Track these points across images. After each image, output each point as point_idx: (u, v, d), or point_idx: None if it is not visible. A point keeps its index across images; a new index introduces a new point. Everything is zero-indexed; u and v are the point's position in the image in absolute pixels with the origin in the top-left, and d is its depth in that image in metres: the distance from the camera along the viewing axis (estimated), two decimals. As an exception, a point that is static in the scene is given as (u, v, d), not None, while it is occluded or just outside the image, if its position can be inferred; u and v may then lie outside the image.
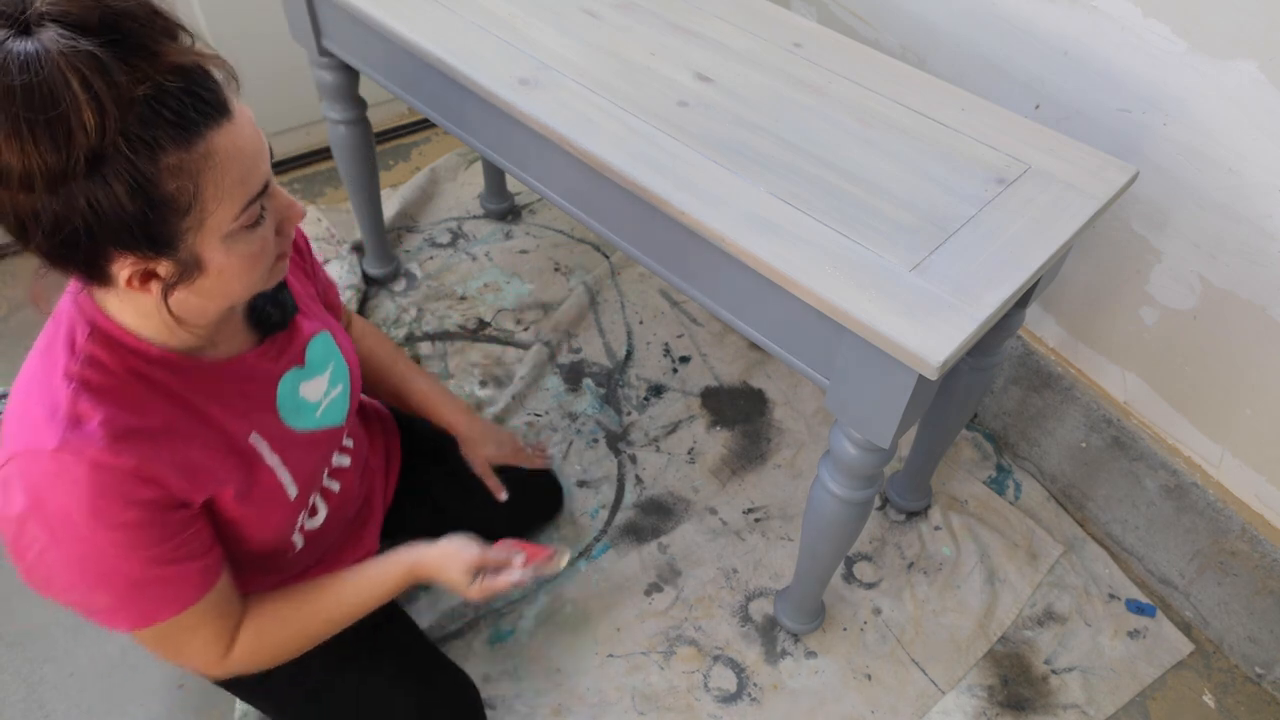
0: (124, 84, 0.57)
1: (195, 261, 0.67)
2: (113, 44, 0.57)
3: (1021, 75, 1.31)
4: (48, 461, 0.69)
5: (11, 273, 1.88)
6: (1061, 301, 1.44)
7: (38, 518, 0.71)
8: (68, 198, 0.59)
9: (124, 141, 0.58)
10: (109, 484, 0.70)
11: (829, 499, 1.07)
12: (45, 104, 0.55)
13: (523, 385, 1.68)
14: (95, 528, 0.71)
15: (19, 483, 0.70)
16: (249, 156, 0.66)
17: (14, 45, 0.55)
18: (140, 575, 0.75)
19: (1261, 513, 1.28)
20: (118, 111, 0.57)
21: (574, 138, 1.01)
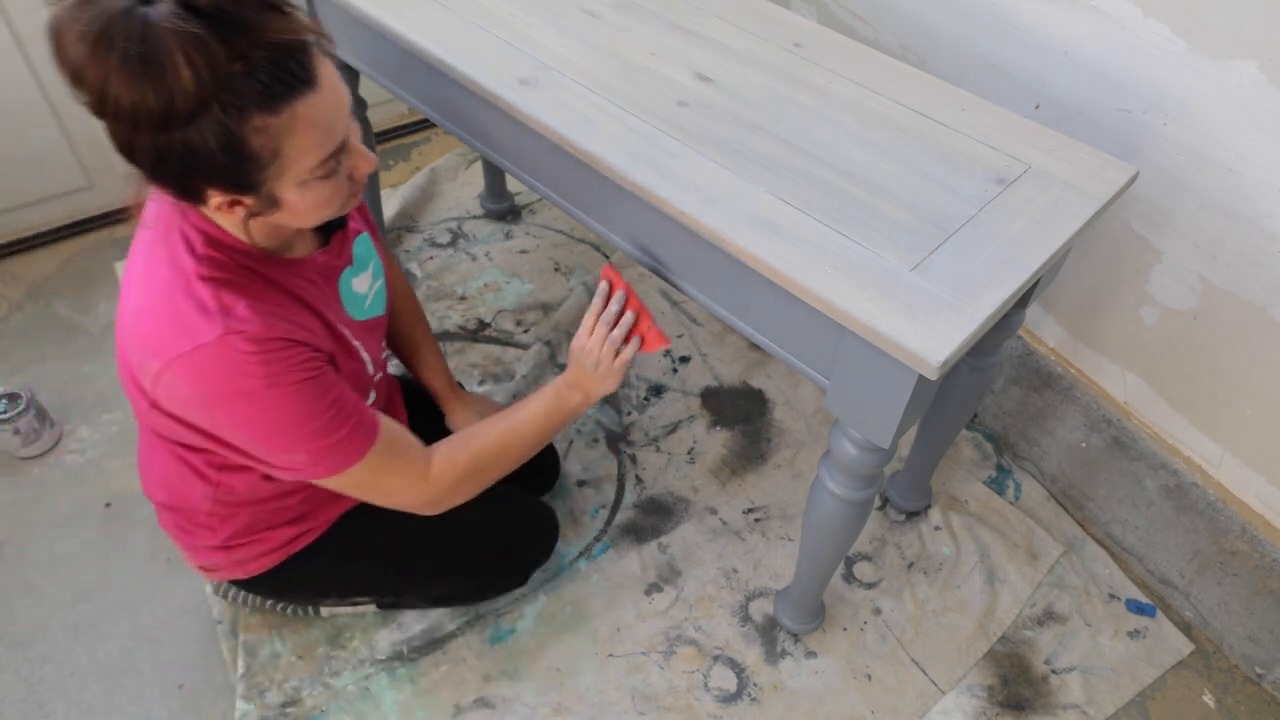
0: (221, 60, 0.66)
1: (274, 200, 0.78)
2: (217, 22, 0.65)
3: (1021, 75, 1.31)
4: (216, 350, 0.80)
5: (12, 273, 1.88)
6: (1061, 301, 1.44)
7: (220, 403, 0.83)
8: (168, 139, 0.69)
9: (217, 105, 0.67)
10: (273, 353, 0.82)
11: (829, 499, 1.07)
12: (154, 69, 0.64)
13: (523, 385, 1.68)
14: (273, 394, 0.83)
15: (192, 377, 0.81)
16: (327, 121, 0.75)
17: (137, 10, 0.64)
18: (321, 425, 0.87)
19: (1261, 513, 1.28)
20: (213, 83, 0.66)
21: (574, 138, 1.01)
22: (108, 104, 0.67)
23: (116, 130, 0.70)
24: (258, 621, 1.34)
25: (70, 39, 0.65)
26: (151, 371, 0.83)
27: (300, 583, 1.22)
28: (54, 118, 1.78)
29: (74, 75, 0.67)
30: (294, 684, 1.28)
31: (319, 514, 1.14)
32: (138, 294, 0.84)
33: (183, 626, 1.35)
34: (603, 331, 1.03)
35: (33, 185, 1.86)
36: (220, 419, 0.85)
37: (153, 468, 1.06)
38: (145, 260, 0.85)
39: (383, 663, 1.31)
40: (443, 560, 1.25)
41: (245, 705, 1.26)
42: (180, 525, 1.10)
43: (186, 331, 0.80)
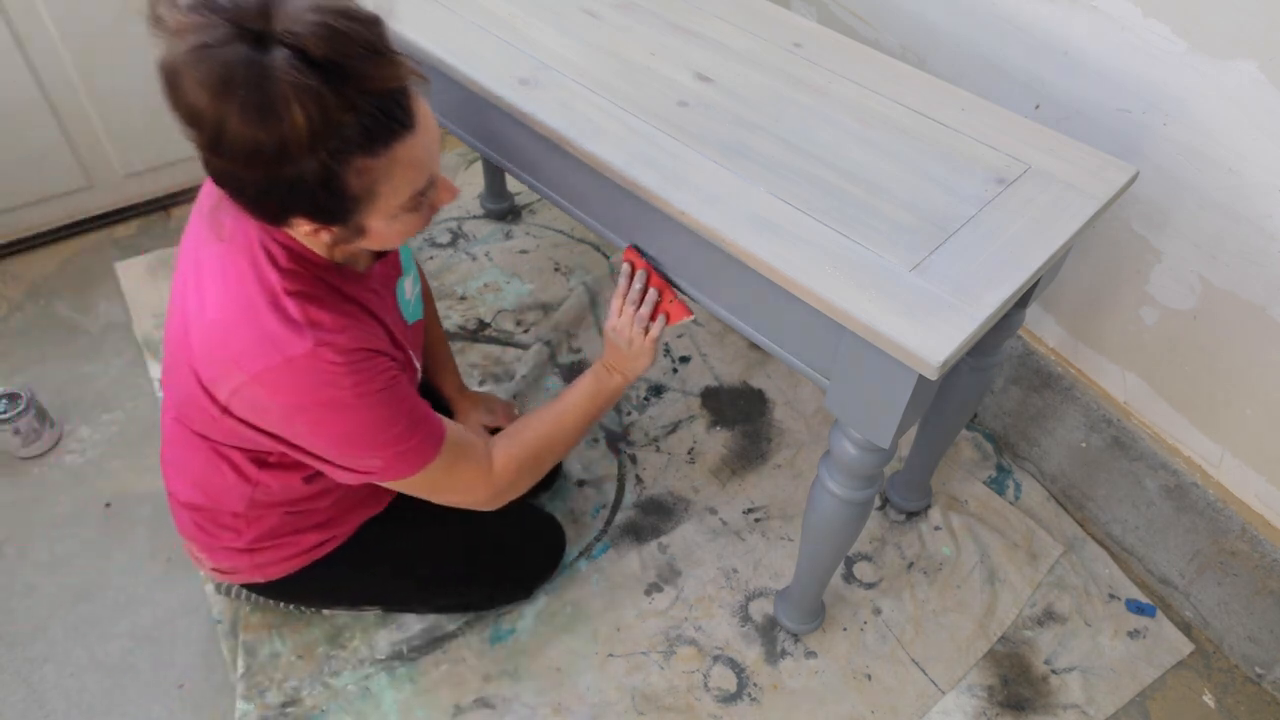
0: (332, 108, 0.69)
1: (361, 230, 0.82)
2: (329, 72, 0.68)
3: (1021, 75, 1.31)
4: (306, 362, 0.83)
5: (12, 273, 1.88)
6: (1061, 301, 1.44)
7: (305, 412, 0.86)
8: (274, 176, 0.72)
9: (324, 150, 0.71)
10: (358, 363, 0.86)
11: (829, 499, 1.07)
12: (271, 115, 0.68)
13: (523, 385, 1.68)
14: (359, 403, 0.87)
15: (280, 388, 0.84)
16: (422, 161, 0.79)
17: (254, 57, 0.67)
18: (400, 430, 0.91)
19: (1261, 513, 1.28)
20: (323, 129, 0.70)
21: (574, 138, 1.01)
22: (223, 144, 0.70)
23: (224, 166, 0.73)
24: (258, 621, 1.34)
25: (189, 82, 0.68)
26: (232, 383, 0.86)
27: (315, 590, 1.24)
28: (54, 118, 1.78)
29: (190, 116, 0.70)
30: (294, 684, 1.28)
31: (343, 521, 1.17)
32: (217, 306, 0.86)
33: (183, 626, 1.35)
34: (630, 310, 1.06)
35: (33, 185, 1.86)
36: (301, 427, 0.88)
37: (187, 468, 1.07)
38: (223, 273, 0.86)
39: (383, 662, 1.31)
40: (454, 572, 1.28)
41: (245, 705, 1.26)
42: (202, 526, 1.11)
43: (275, 345, 0.83)
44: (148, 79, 1.88)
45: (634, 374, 1.11)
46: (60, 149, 1.84)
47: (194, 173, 2.03)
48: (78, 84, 1.77)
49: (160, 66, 0.70)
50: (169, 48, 0.69)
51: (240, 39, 0.67)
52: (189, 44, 0.68)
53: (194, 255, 0.91)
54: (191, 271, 0.91)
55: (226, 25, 0.67)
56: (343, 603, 1.33)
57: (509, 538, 1.32)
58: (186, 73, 0.68)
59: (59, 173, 1.87)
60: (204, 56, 0.67)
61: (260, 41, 0.68)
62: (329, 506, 1.13)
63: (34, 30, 1.68)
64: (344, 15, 0.69)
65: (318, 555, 1.16)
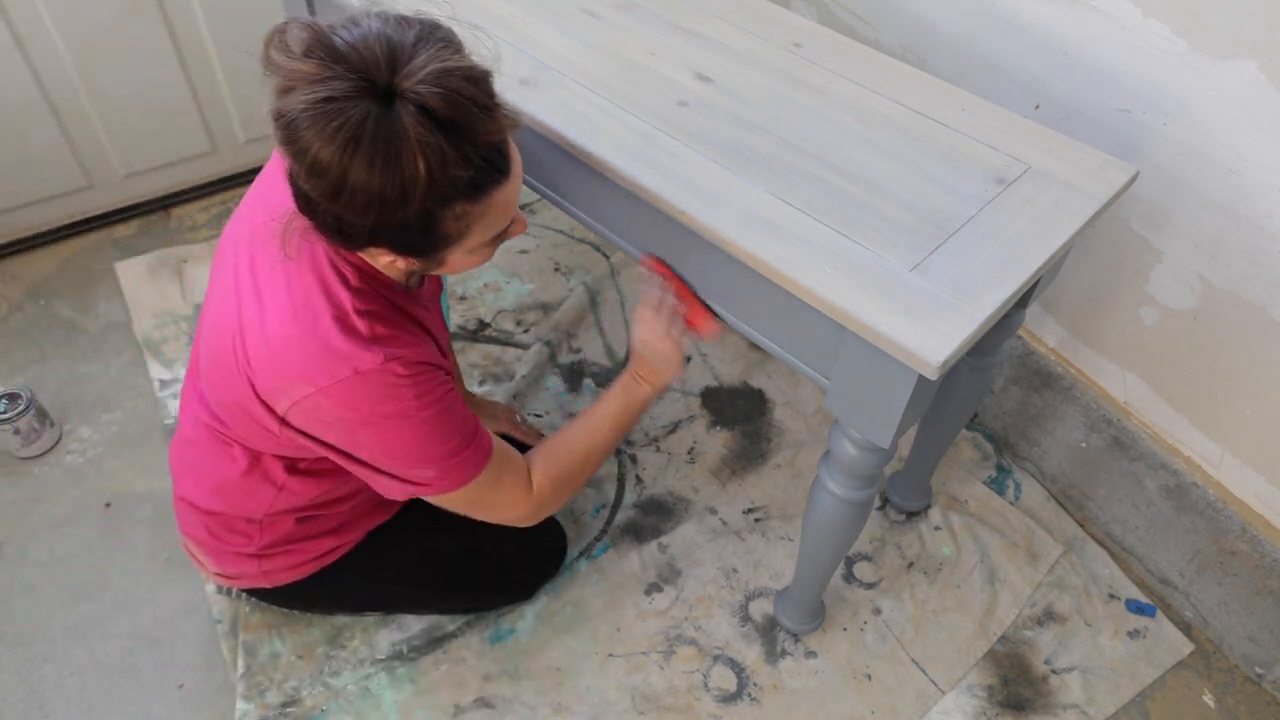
0: (450, 164, 0.73)
1: (441, 262, 0.86)
2: (450, 129, 0.72)
3: (1021, 75, 1.31)
4: (375, 376, 0.86)
5: (12, 273, 1.88)
6: (1061, 301, 1.44)
7: (370, 423, 0.89)
8: (381, 221, 0.76)
9: (433, 199, 0.75)
10: (422, 377, 0.89)
11: (829, 499, 1.07)
12: (394, 169, 0.71)
13: (523, 385, 1.68)
14: (421, 415, 0.89)
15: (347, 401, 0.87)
16: (512, 202, 0.84)
17: (383, 115, 0.70)
18: (455, 443, 0.94)
19: (1261, 513, 1.28)
20: (440, 183, 0.74)
21: (574, 138, 1.01)
22: (343, 193, 0.72)
23: (333, 210, 0.75)
24: (258, 621, 1.34)
25: (314, 136, 0.70)
26: (296, 395, 0.87)
27: (319, 597, 1.25)
28: (54, 118, 1.78)
29: (313, 166, 0.72)
30: (294, 684, 1.28)
31: (353, 529, 1.17)
32: (281, 320, 0.87)
33: (183, 626, 1.35)
34: (662, 323, 1.05)
35: (33, 185, 1.86)
36: (363, 438, 0.91)
37: (208, 473, 1.07)
38: (288, 288, 0.88)
39: (383, 662, 1.31)
40: (457, 577, 1.29)
41: (245, 705, 1.26)
42: (212, 530, 1.11)
43: (344, 360, 0.85)
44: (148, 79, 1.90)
45: (663, 384, 1.11)
46: (60, 149, 1.83)
47: (194, 172, 2.03)
48: (78, 84, 1.77)
49: (277, 115, 0.72)
50: (287, 97, 0.71)
51: (367, 94, 0.70)
52: (312, 96, 0.69)
53: (247, 265, 0.92)
54: (246, 282, 0.91)
55: (352, 79, 0.70)
56: (346, 608, 1.34)
57: (511, 542, 1.31)
58: (312, 126, 0.70)
59: (59, 173, 1.87)
60: (331, 111, 0.69)
61: (387, 98, 0.70)
62: (342, 513, 1.14)
63: (34, 30, 1.68)
64: (462, 75, 0.72)
65: (325, 563, 1.17)
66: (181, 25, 1.80)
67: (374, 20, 0.74)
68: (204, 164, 2.03)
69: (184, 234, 1.98)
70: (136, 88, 1.82)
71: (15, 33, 1.66)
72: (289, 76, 0.71)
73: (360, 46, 0.71)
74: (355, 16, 0.75)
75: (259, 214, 0.95)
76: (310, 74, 0.70)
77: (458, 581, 1.29)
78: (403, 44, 0.72)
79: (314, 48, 0.71)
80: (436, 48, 0.73)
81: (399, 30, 0.73)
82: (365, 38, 0.71)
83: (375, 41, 0.71)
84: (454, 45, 0.76)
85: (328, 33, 0.72)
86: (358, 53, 0.71)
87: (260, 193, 1.00)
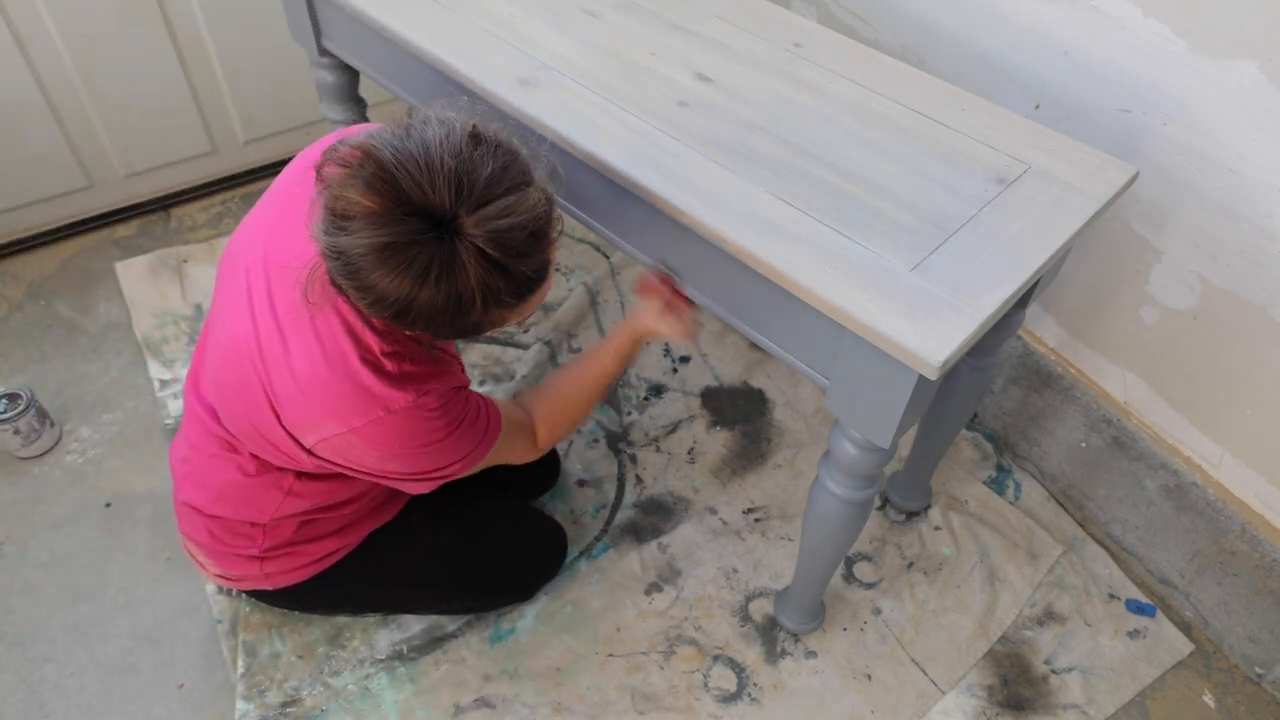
0: (501, 293, 0.79)
1: None
2: (503, 268, 0.77)
3: (1021, 75, 1.30)
4: (408, 415, 0.90)
5: (12, 273, 1.88)
6: (1061, 301, 1.44)
7: (402, 455, 0.94)
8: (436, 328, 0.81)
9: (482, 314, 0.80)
10: (453, 402, 0.94)
11: (829, 499, 1.07)
12: (457, 297, 0.76)
13: (523, 385, 1.68)
14: (450, 438, 0.95)
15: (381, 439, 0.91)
16: (545, 297, 0.89)
17: (446, 254, 0.74)
18: (480, 443, 1.01)
19: (1261, 513, 1.28)
20: (491, 302, 0.79)
21: (574, 138, 1.01)
22: (409, 314, 0.78)
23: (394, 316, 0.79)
24: (258, 621, 1.34)
25: (378, 275, 0.74)
26: (326, 433, 0.91)
27: (321, 599, 1.25)
28: (54, 118, 1.78)
29: (380, 299, 0.76)
30: (294, 684, 1.28)
31: (356, 530, 1.18)
32: (308, 360, 0.89)
33: (183, 626, 1.35)
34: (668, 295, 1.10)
35: (33, 185, 1.86)
36: (395, 465, 0.95)
37: (214, 479, 1.07)
38: (313, 327, 0.89)
39: (383, 662, 1.31)
40: (457, 580, 1.29)
41: (245, 705, 1.26)
42: (215, 534, 1.11)
43: (377, 401, 0.89)
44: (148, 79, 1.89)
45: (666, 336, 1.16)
46: (60, 149, 1.83)
47: (194, 172, 2.03)
48: (78, 84, 1.77)
49: (335, 251, 0.75)
50: (345, 233, 0.73)
51: (430, 233, 0.73)
52: (375, 241, 0.72)
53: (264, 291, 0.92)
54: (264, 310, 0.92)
55: (416, 222, 0.73)
56: (348, 609, 1.34)
57: (511, 543, 1.32)
58: (377, 269, 0.74)
59: (59, 173, 1.87)
60: (397, 257, 0.73)
61: (448, 236, 0.74)
62: (345, 516, 1.14)
63: (34, 30, 1.68)
64: (524, 231, 0.77)
65: (326, 565, 1.17)
66: (181, 25, 1.80)
67: (441, 143, 0.74)
68: (204, 164, 2.03)
69: (184, 234, 1.98)
70: (136, 88, 1.82)
71: (15, 33, 1.66)
72: (349, 207, 0.72)
73: (425, 185, 0.72)
74: (418, 127, 0.75)
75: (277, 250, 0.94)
76: (373, 212, 0.72)
77: (458, 582, 1.29)
78: (472, 185, 0.74)
79: (376, 183, 0.72)
80: (504, 192, 0.75)
81: (467, 164, 0.74)
82: (431, 170, 0.72)
83: (442, 179, 0.72)
84: (522, 185, 0.77)
85: (391, 165, 0.72)
86: (422, 191, 0.72)
87: (273, 217, 0.98)
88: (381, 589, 1.26)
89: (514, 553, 1.33)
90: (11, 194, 1.85)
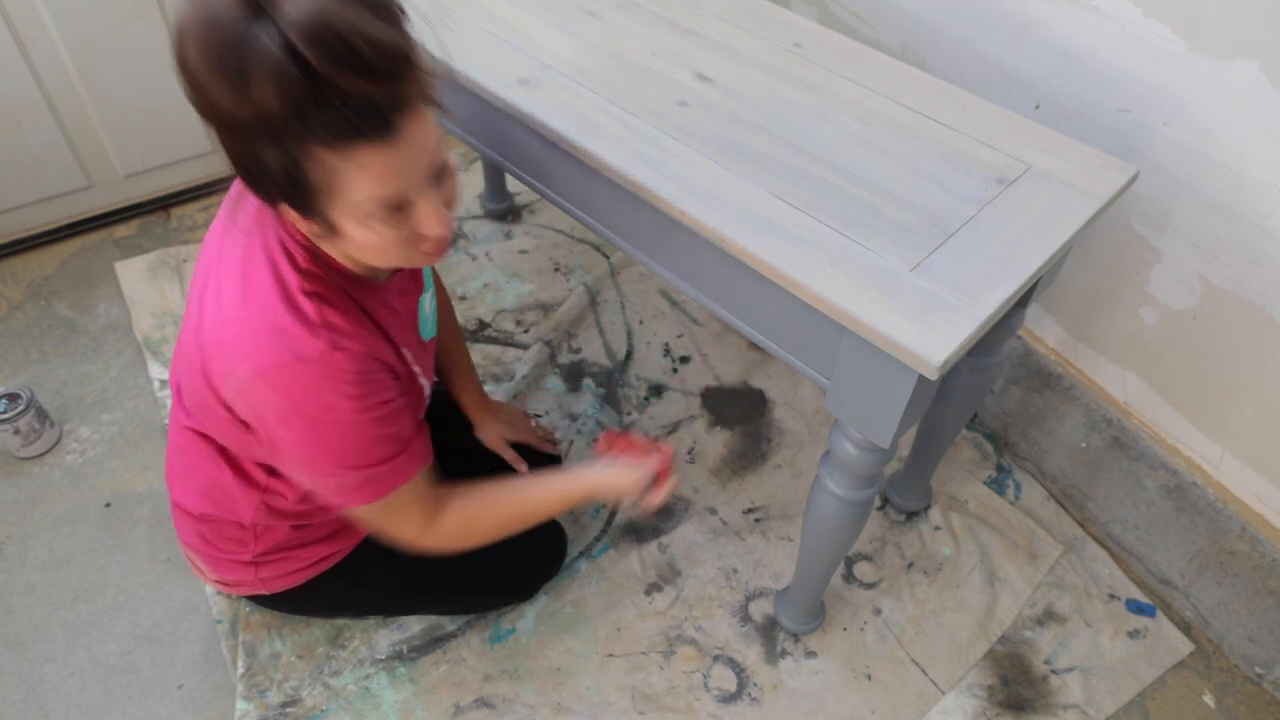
0: (301, 99, 0.68)
1: (334, 228, 0.79)
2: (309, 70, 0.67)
3: (1021, 75, 1.31)
4: (318, 367, 0.82)
5: (12, 273, 1.88)
6: (1061, 301, 1.44)
7: (301, 417, 0.84)
8: (248, 148, 0.73)
9: (286, 133, 0.70)
10: (369, 375, 0.85)
11: (829, 499, 1.07)
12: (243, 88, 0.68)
13: (523, 385, 1.68)
14: (356, 418, 0.85)
15: (284, 389, 0.82)
16: (390, 174, 0.75)
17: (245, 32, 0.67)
18: (384, 452, 0.89)
19: (1261, 513, 1.28)
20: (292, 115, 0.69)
21: (574, 138, 1.01)
22: (211, 109, 0.71)
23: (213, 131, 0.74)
24: (258, 621, 1.34)
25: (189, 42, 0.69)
26: (239, 377, 0.83)
27: (318, 603, 1.24)
28: (54, 118, 1.78)
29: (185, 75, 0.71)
30: (294, 684, 1.28)
31: (349, 535, 1.17)
32: (231, 301, 0.84)
33: (183, 626, 1.35)
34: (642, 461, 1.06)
35: (33, 185, 1.86)
36: (295, 431, 0.86)
37: (195, 477, 1.06)
38: (242, 268, 0.85)
39: (383, 662, 1.31)
40: (455, 582, 1.28)
41: (245, 705, 1.26)
42: (208, 539, 1.11)
43: (288, 343, 0.81)
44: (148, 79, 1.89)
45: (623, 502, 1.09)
46: (60, 149, 1.84)
47: (194, 172, 2.03)
48: (78, 84, 1.77)
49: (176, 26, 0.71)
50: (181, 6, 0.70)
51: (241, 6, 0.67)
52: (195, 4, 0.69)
53: (216, 251, 0.91)
54: (212, 269, 0.90)
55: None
56: (347, 613, 1.34)
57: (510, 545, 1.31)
58: (188, 32, 0.69)
59: (59, 173, 1.87)
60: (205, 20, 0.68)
61: (258, 15, 0.67)
62: (337, 519, 1.14)
63: (34, 30, 1.68)
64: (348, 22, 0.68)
65: (321, 569, 1.16)
66: (181, 25, 1.80)
67: None
68: (204, 164, 2.03)
69: (184, 234, 1.98)
70: (136, 88, 1.82)
71: (15, 33, 1.66)
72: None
73: None
74: None
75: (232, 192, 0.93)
76: None
77: (456, 584, 1.29)
78: None
79: None
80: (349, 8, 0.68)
81: None
82: None
83: None
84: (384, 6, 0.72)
85: None
86: None
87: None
88: (379, 593, 1.26)
89: (512, 553, 1.31)
90: (11, 194, 1.85)
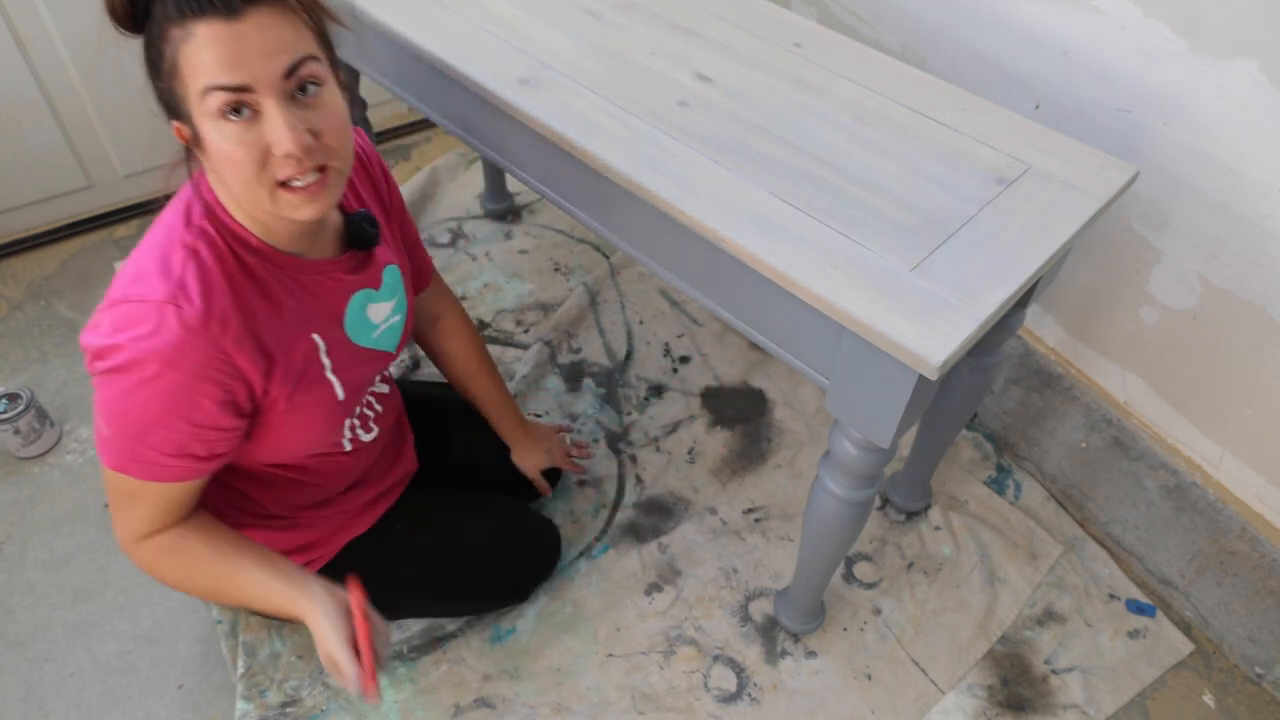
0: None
1: (197, 135, 0.78)
2: None
3: (1021, 75, 1.31)
4: (150, 308, 0.79)
5: (12, 273, 1.88)
6: (1061, 301, 1.44)
7: (117, 351, 0.79)
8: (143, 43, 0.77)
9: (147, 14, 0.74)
10: (192, 351, 0.80)
11: (829, 499, 1.07)
12: None
13: (523, 385, 1.68)
14: (160, 375, 0.80)
15: (116, 321, 0.80)
16: (231, 53, 0.73)
17: None
18: (151, 435, 0.83)
19: (1261, 513, 1.28)
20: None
21: (574, 138, 1.01)
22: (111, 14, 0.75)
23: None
24: (258, 621, 1.34)
25: None
26: (94, 318, 0.82)
27: None
28: (54, 118, 1.78)
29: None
30: (294, 684, 1.28)
31: (327, 542, 1.16)
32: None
33: (183, 626, 1.35)
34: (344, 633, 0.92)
35: (33, 185, 1.86)
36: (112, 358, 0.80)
37: None
38: (159, 219, 0.87)
39: (383, 663, 1.31)
40: (447, 586, 1.28)
41: (245, 705, 1.26)
42: None
43: (139, 281, 0.81)
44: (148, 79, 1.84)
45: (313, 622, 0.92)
46: (60, 149, 1.84)
47: (194, 173, 2.03)
48: (78, 84, 1.77)
49: None
50: None
51: None
52: None
53: None
54: None
55: None
56: None
57: (502, 547, 1.31)
58: None
59: (59, 173, 1.87)
60: None
61: None
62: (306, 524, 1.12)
63: (34, 30, 1.68)
64: None
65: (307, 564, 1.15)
66: (181, 25, 1.80)
67: None
68: (204, 164, 2.03)
69: (184, 234, 1.98)
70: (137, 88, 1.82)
71: (15, 33, 1.66)
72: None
73: None
74: None
75: None
76: None
77: (448, 588, 1.28)
78: None
79: None
80: None
81: None
82: None
83: None
84: None
85: None
86: None
87: None
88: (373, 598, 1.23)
89: (504, 555, 1.31)
90: (11, 194, 1.85)
